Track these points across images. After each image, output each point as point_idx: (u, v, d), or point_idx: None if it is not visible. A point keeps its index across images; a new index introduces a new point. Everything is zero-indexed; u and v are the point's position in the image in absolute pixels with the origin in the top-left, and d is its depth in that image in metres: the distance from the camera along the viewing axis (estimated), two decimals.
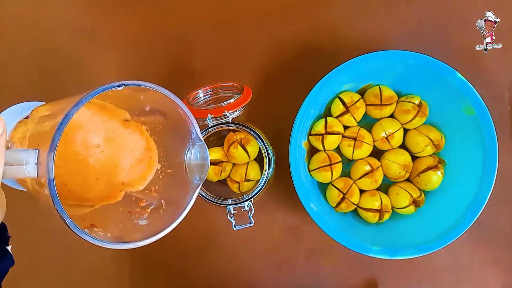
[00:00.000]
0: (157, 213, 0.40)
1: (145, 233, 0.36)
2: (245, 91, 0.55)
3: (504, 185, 0.60)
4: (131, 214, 0.40)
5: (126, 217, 0.40)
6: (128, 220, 0.39)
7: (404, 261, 0.52)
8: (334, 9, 0.64)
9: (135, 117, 0.42)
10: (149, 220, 0.40)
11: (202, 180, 0.39)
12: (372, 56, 0.53)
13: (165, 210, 0.40)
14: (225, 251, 0.62)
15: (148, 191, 0.42)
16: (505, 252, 0.62)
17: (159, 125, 0.42)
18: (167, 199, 0.41)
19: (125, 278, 0.63)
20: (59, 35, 0.65)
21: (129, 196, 0.42)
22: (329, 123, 0.57)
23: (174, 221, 0.36)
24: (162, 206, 0.41)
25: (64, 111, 0.30)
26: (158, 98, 0.38)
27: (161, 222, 0.38)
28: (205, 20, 0.64)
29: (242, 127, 0.52)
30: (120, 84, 0.32)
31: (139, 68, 0.64)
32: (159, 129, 0.43)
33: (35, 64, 0.64)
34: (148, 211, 0.41)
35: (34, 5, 0.65)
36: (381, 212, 0.57)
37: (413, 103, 0.57)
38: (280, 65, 0.63)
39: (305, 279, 0.62)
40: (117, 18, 0.65)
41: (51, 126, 0.30)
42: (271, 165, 0.53)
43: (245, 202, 0.52)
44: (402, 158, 0.57)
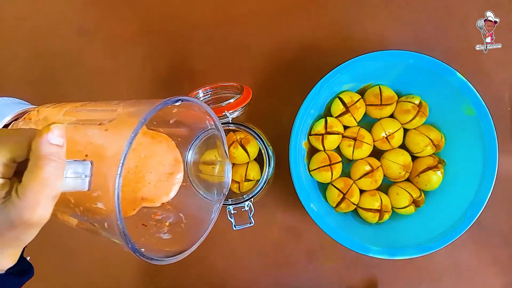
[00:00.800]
0: (178, 227, 0.39)
1: (174, 246, 0.35)
2: (245, 91, 0.55)
3: (504, 185, 0.60)
4: (148, 228, 0.39)
5: (144, 230, 0.39)
6: (148, 233, 0.38)
7: (404, 261, 0.52)
8: (334, 9, 0.64)
9: (152, 127, 0.41)
10: (172, 235, 0.39)
11: (224, 194, 0.39)
12: (372, 56, 0.53)
13: (187, 224, 0.39)
14: (225, 251, 0.62)
15: (161, 204, 0.40)
16: (505, 252, 0.62)
17: (178, 137, 0.41)
18: (185, 213, 0.40)
19: (125, 278, 0.63)
20: (58, 35, 0.65)
21: (140, 209, 0.40)
22: (329, 123, 0.57)
23: (201, 236, 0.36)
24: (182, 220, 0.40)
25: (122, 126, 0.28)
26: (190, 113, 0.37)
27: (186, 236, 0.38)
28: (205, 20, 0.64)
29: (242, 127, 0.52)
30: (177, 100, 0.32)
31: (139, 68, 0.64)
32: (178, 141, 0.41)
33: (35, 64, 0.64)
34: (167, 224, 0.40)
35: (34, 6, 0.65)
36: (381, 212, 0.57)
37: (413, 103, 0.57)
38: (280, 65, 0.63)
39: (305, 279, 0.62)
40: (116, 18, 0.65)
41: (105, 139, 0.28)
42: (271, 165, 0.53)
43: (245, 202, 0.52)
44: (402, 158, 0.57)
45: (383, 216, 0.57)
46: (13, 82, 0.64)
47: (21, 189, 0.25)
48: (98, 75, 0.64)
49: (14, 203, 0.25)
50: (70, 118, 0.35)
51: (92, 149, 0.29)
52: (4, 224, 0.26)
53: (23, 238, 0.27)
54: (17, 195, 0.25)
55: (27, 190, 0.25)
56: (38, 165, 0.26)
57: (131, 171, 0.38)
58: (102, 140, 0.29)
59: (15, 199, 0.25)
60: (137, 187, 0.38)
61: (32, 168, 0.26)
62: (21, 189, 0.25)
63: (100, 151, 0.29)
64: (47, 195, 0.26)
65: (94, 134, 0.30)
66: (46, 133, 0.27)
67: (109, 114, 0.32)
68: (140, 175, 0.38)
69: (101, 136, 0.29)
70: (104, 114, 0.32)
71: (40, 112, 0.39)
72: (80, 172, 0.27)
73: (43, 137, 0.26)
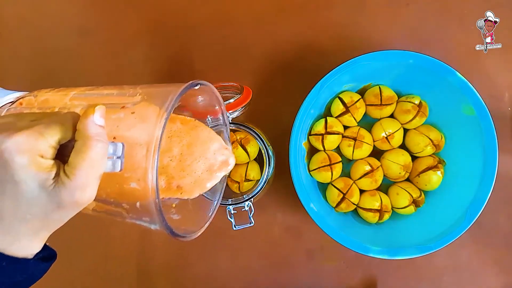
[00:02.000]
0: (186, 208, 0.40)
1: (187, 225, 0.36)
2: (245, 91, 0.55)
3: (504, 185, 0.60)
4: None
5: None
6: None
7: (404, 261, 0.52)
8: (334, 9, 0.64)
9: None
10: (181, 215, 0.39)
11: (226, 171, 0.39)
12: (372, 56, 0.53)
13: (193, 204, 0.40)
14: (225, 251, 0.62)
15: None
16: (505, 252, 0.62)
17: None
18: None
19: (125, 278, 0.63)
20: (58, 35, 0.65)
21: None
22: (329, 123, 0.57)
23: (211, 213, 0.38)
24: (188, 200, 0.40)
25: (150, 109, 0.29)
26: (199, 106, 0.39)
27: (195, 215, 0.39)
28: (205, 20, 0.64)
29: (242, 127, 0.52)
30: (197, 84, 0.34)
31: (139, 68, 0.64)
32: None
33: (35, 64, 0.64)
34: (173, 206, 0.40)
35: (34, 5, 0.65)
36: (381, 212, 0.57)
37: (413, 103, 0.57)
38: (280, 65, 0.63)
39: (305, 279, 0.62)
40: (117, 18, 0.65)
41: (134, 121, 0.29)
42: (271, 165, 0.53)
43: (245, 202, 0.52)
44: (402, 158, 0.57)
45: (383, 216, 0.57)
46: (13, 82, 0.64)
47: (71, 170, 0.26)
48: (99, 75, 0.64)
49: (65, 184, 0.26)
50: (80, 103, 0.35)
51: (120, 132, 0.30)
52: (52, 205, 0.26)
53: (65, 219, 0.28)
54: (67, 175, 0.26)
55: (78, 170, 0.26)
56: (87, 145, 0.26)
57: (175, 158, 0.38)
58: (130, 123, 0.30)
59: (65, 180, 0.26)
60: (179, 175, 0.38)
61: (81, 148, 0.26)
62: (70, 169, 0.26)
63: (131, 134, 0.29)
64: (95, 175, 0.27)
65: (119, 117, 0.31)
66: (92, 114, 0.27)
67: (129, 98, 0.32)
68: (186, 163, 0.38)
69: (128, 119, 0.30)
70: (123, 98, 0.33)
71: (39, 97, 0.39)
72: (112, 153, 0.28)
73: (89, 118, 0.27)
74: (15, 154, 0.25)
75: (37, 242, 0.28)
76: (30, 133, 0.25)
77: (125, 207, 0.32)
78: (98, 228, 0.63)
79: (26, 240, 0.27)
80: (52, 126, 0.26)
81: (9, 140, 0.25)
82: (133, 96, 0.32)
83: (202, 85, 0.35)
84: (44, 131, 0.26)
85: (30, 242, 0.27)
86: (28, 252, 0.28)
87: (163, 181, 0.37)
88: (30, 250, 0.28)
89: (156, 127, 0.28)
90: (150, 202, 0.29)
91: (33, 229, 0.27)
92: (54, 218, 0.27)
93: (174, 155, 0.38)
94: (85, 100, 0.36)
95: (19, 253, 0.27)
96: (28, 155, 0.25)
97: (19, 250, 0.27)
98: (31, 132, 0.25)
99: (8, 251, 0.26)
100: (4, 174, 0.25)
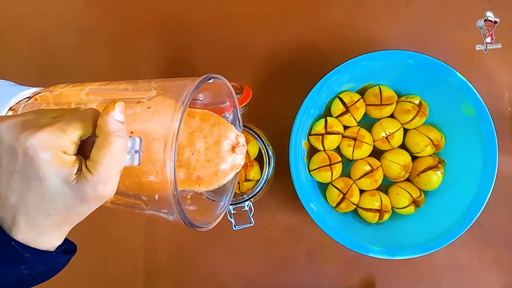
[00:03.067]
0: (201, 199, 0.41)
1: (203, 216, 0.38)
2: (245, 91, 0.55)
3: (504, 185, 0.60)
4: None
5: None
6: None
7: (403, 261, 0.52)
8: (334, 9, 0.64)
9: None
10: (196, 206, 0.40)
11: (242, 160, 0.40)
12: (372, 56, 0.53)
13: (208, 194, 0.41)
14: (225, 251, 0.62)
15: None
16: (505, 252, 0.62)
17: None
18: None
19: (126, 278, 0.62)
20: (59, 35, 0.65)
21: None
22: (329, 123, 0.57)
23: (226, 204, 0.38)
24: (202, 192, 0.41)
25: (166, 103, 0.30)
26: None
27: (210, 205, 0.40)
28: (205, 20, 0.64)
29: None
30: (210, 77, 0.34)
31: (139, 68, 0.64)
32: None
33: (35, 64, 0.64)
34: (189, 197, 0.41)
35: (34, 5, 0.65)
36: (381, 212, 0.57)
37: (413, 103, 0.57)
38: (280, 65, 0.63)
39: (305, 279, 0.62)
40: (116, 18, 0.65)
41: (151, 116, 0.30)
42: (271, 165, 0.53)
43: (245, 202, 0.52)
44: (402, 158, 0.57)
45: (383, 216, 0.57)
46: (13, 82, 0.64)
47: (93, 165, 0.26)
48: (98, 75, 0.64)
49: (88, 179, 0.26)
50: (96, 98, 0.36)
51: (137, 127, 0.30)
52: (75, 200, 0.27)
53: (87, 213, 0.29)
54: (89, 171, 0.26)
55: (100, 165, 0.26)
56: (109, 141, 0.27)
57: (196, 152, 0.39)
58: (147, 118, 0.31)
59: (88, 175, 0.26)
60: (199, 168, 0.39)
61: (103, 143, 0.27)
62: (93, 164, 0.27)
63: (148, 128, 0.30)
64: (116, 169, 0.27)
65: (135, 112, 0.31)
66: (112, 110, 0.27)
67: (144, 92, 0.33)
68: (207, 157, 0.39)
69: (145, 114, 0.31)
70: (138, 93, 0.33)
71: (55, 92, 0.39)
72: (130, 147, 0.29)
73: (110, 114, 0.27)
74: (39, 151, 0.25)
75: (59, 235, 0.29)
76: (53, 130, 0.26)
77: (144, 199, 0.32)
78: (98, 228, 0.63)
79: (50, 233, 0.28)
80: (73, 123, 0.27)
81: (32, 137, 0.25)
82: (148, 91, 0.33)
83: (216, 78, 0.36)
84: (66, 128, 0.26)
85: (53, 236, 0.28)
86: (51, 245, 0.29)
87: (182, 173, 0.38)
88: (52, 243, 0.29)
89: (173, 120, 0.29)
90: (168, 194, 0.29)
91: (57, 223, 0.28)
92: (77, 212, 0.28)
93: (196, 149, 0.38)
94: (100, 95, 0.36)
95: (43, 246, 0.28)
96: (51, 151, 0.26)
97: (43, 243, 0.28)
98: (53, 129, 0.26)
99: (33, 244, 0.27)
100: (30, 171, 0.26)
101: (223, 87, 0.39)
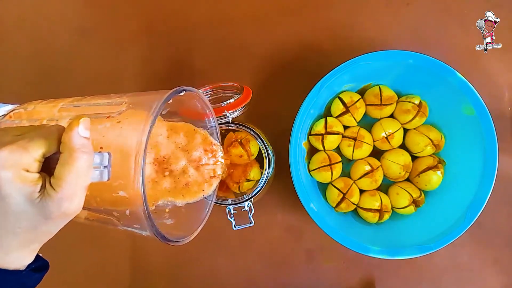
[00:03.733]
0: (179, 212, 0.41)
1: (180, 230, 0.38)
2: (245, 91, 0.55)
3: (504, 185, 0.60)
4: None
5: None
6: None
7: (404, 261, 0.52)
8: (334, 9, 0.64)
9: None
10: (174, 219, 0.40)
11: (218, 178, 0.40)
12: (372, 56, 0.53)
13: (186, 208, 0.41)
14: (225, 251, 0.62)
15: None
16: (505, 252, 0.62)
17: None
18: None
19: (126, 278, 0.63)
20: (59, 35, 0.65)
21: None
22: (329, 123, 0.57)
23: (204, 216, 0.39)
24: (182, 206, 0.41)
25: (135, 118, 0.30)
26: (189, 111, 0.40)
27: (188, 219, 0.40)
28: (205, 20, 0.64)
29: (242, 127, 0.52)
30: (182, 90, 0.35)
31: (139, 68, 0.64)
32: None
33: (35, 64, 0.64)
34: (167, 211, 0.41)
35: (34, 5, 0.65)
36: (381, 212, 0.57)
37: (413, 103, 0.57)
38: (280, 65, 0.63)
39: (305, 279, 0.62)
40: (116, 18, 0.65)
41: (120, 131, 0.30)
42: (271, 165, 0.53)
43: (245, 202, 0.52)
44: (402, 158, 0.57)
45: (383, 216, 0.57)
46: (12, 82, 0.64)
47: (57, 181, 0.26)
48: (98, 75, 0.64)
49: (51, 196, 0.26)
50: (68, 114, 0.36)
51: (106, 142, 0.30)
52: (40, 218, 0.26)
53: (54, 230, 0.28)
54: (53, 188, 0.26)
55: (64, 182, 0.26)
56: (73, 157, 0.26)
57: (180, 166, 0.40)
58: (116, 133, 0.30)
59: (52, 192, 0.26)
60: (189, 178, 0.40)
61: (67, 160, 0.26)
62: (56, 181, 0.26)
63: (117, 143, 0.30)
64: (81, 185, 0.27)
65: (105, 127, 0.31)
66: (77, 126, 0.27)
67: (115, 107, 0.33)
68: (190, 171, 0.40)
69: (115, 128, 0.31)
70: (109, 107, 0.33)
71: (29, 109, 0.39)
72: (98, 163, 0.28)
73: (74, 130, 0.27)
74: (0, 169, 0.25)
75: (28, 254, 0.28)
76: (14, 148, 0.26)
77: (115, 215, 0.32)
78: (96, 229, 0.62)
79: (17, 252, 0.28)
80: (36, 140, 0.26)
81: None
82: (119, 105, 0.33)
83: (188, 91, 0.35)
84: (28, 145, 0.26)
85: (21, 255, 0.28)
86: (19, 264, 0.28)
87: (167, 183, 0.39)
88: (21, 262, 0.28)
89: (142, 134, 0.29)
90: (138, 209, 0.29)
91: (24, 242, 0.27)
92: (44, 230, 0.28)
93: (180, 162, 0.39)
94: (73, 110, 0.36)
95: (11, 266, 0.27)
96: (12, 169, 0.25)
97: (11, 262, 0.27)
98: (15, 147, 0.26)
99: (0, 265, 0.27)
100: None
101: (197, 98, 0.39)
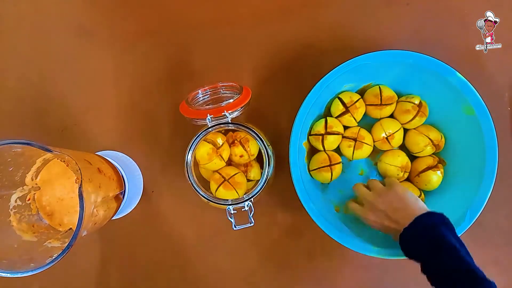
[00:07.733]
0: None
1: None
2: (244, 91, 0.55)
3: (504, 185, 0.60)
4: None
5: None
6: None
7: (404, 261, 0.52)
8: (334, 9, 0.64)
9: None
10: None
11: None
12: (372, 56, 0.53)
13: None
14: (225, 251, 0.62)
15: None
16: (505, 251, 0.62)
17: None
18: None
19: (126, 278, 0.62)
20: (58, 35, 0.65)
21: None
22: (329, 123, 0.57)
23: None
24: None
25: None
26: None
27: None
28: (205, 20, 0.64)
29: (242, 127, 0.52)
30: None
31: (139, 68, 0.64)
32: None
33: (34, 64, 0.64)
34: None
35: (34, 5, 0.65)
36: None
37: (413, 103, 0.57)
38: (280, 65, 0.63)
39: (305, 279, 0.62)
40: (116, 18, 0.65)
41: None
42: (271, 165, 0.53)
43: (245, 202, 0.52)
44: (399, 160, 0.57)
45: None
46: (12, 82, 0.64)
47: None
48: (98, 75, 0.64)
49: None
50: None
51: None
52: None
53: None
54: None
55: None
56: None
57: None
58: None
59: None
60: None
61: None
62: None
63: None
64: None
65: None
66: None
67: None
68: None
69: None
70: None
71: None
72: None
73: None
74: None
75: None
76: None
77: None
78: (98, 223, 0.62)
79: None
80: None
81: None
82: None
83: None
84: None
85: None
86: None
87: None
88: None
89: None
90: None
91: None
92: None
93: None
94: None
95: None
96: None
97: None
98: None
99: None
100: None
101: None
